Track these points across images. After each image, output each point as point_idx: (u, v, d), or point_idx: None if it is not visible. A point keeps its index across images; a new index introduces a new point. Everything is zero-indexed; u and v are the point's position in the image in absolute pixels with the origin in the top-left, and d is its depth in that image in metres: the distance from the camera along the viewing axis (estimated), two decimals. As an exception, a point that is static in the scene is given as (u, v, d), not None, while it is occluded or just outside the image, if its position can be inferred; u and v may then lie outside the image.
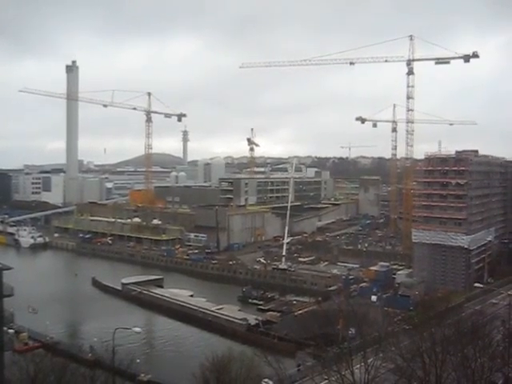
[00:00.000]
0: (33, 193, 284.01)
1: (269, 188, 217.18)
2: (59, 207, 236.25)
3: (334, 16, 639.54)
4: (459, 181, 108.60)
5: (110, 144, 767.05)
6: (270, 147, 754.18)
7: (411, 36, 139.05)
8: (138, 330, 54.30)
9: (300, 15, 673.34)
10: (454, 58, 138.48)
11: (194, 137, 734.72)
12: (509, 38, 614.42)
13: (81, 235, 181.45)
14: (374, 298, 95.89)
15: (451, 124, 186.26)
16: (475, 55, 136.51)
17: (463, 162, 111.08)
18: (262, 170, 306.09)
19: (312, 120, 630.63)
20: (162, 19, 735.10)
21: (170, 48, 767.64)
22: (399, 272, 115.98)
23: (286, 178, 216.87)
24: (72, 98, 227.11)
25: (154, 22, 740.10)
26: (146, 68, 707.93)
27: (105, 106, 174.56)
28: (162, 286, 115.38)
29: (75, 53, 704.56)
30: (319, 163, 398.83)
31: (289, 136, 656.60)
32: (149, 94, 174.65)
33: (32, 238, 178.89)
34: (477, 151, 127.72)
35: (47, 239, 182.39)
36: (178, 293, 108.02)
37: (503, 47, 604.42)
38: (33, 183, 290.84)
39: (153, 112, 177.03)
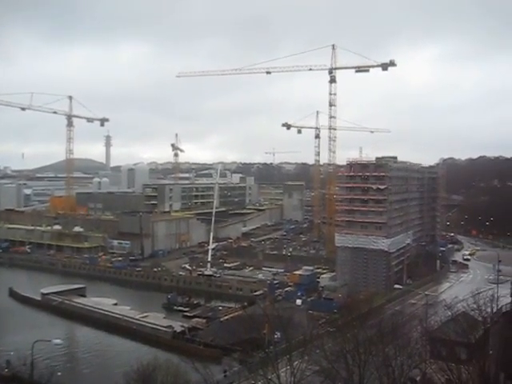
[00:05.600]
0: None
1: (193, 194, 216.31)
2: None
3: (283, 24, 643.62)
4: (379, 186, 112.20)
5: (29, 149, 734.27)
6: (198, 153, 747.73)
7: (333, 45, 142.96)
8: (58, 341, 52.72)
9: (248, 23, 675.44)
10: (372, 67, 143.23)
11: (124, 142, 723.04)
12: (437, 52, 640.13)
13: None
14: (298, 301, 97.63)
15: (372, 132, 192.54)
16: (392, 63, 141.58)
17: (383, 167, 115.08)
18: (187, 175, 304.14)
19: (241, 127, 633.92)
20: (111, 25, 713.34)
21: (113, 54, 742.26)
22: (323, 276, 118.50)
23: (211, 183, 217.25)
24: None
25: (104, 28, 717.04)
26: (89, 72, 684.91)
27: (22, 109, 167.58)
28: (84, 295, 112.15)
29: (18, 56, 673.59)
30: (244, 169, 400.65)
31: (217, 142, 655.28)
32: (70, 97, 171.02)
33: None
34: (396, 158, 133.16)
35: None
36: (101, 302, 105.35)
37: (431, 60, 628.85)
38: None
39: (74, 116, 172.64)
